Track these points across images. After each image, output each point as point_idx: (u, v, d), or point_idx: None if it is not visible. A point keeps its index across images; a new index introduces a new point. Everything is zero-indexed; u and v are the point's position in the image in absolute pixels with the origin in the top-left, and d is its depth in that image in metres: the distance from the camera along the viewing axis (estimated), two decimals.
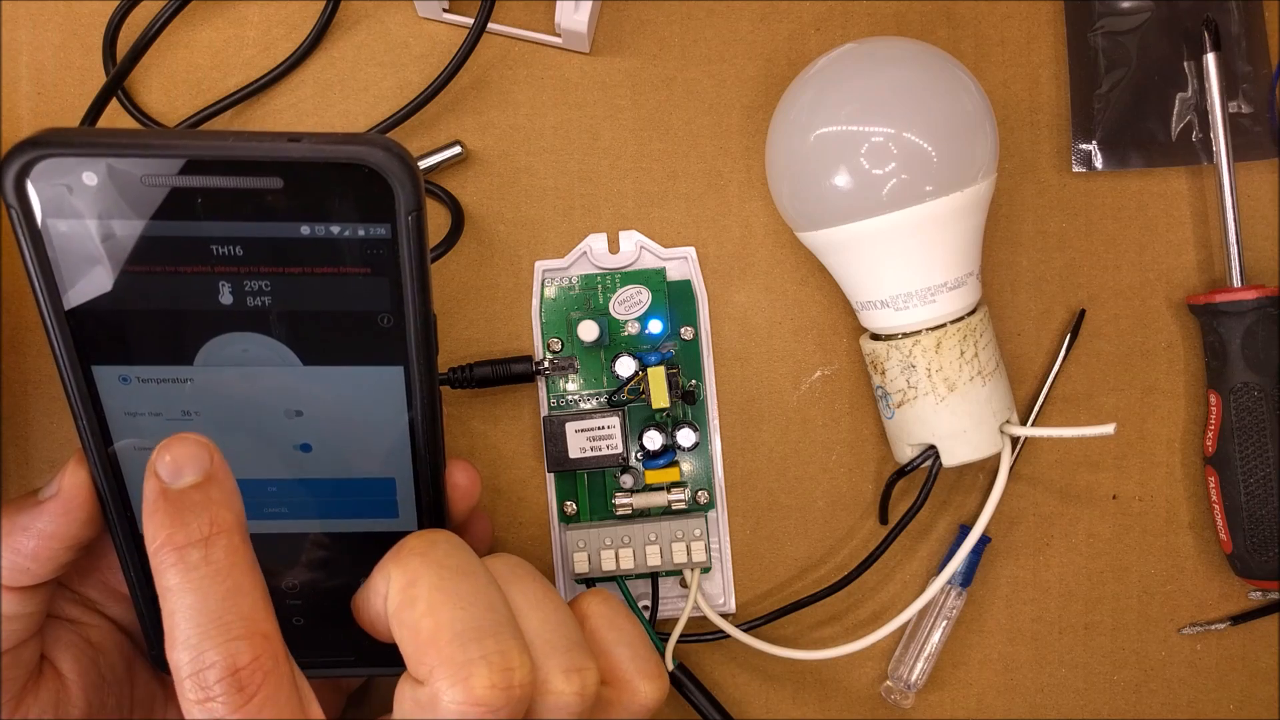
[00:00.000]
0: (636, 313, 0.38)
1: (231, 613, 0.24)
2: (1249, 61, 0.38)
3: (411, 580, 0.26)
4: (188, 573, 0.24)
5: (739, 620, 0.38)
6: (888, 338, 0.35)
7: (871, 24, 0.39)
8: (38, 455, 0.38)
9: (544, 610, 0.28)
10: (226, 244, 0.25)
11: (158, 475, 0.25)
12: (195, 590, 0.24)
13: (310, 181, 0.25)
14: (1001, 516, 0.39)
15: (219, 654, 0.24)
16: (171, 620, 0.24)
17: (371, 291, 0.26)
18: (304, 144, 0.24)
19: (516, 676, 0.25)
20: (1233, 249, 0.37)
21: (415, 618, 0.25)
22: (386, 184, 0.25)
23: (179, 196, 0.25)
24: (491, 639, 0.25)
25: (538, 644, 0.27)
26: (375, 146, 0.24)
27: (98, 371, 0.26)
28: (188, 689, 0.24)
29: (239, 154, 0.24)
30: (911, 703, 0.38)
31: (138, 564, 0.29)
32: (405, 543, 0.27)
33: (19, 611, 0.28)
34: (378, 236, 0.25)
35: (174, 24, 0.37)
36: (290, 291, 0.26)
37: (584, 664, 0.27)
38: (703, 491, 0.38)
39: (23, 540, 0.27)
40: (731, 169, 0.39)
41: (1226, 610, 0.39)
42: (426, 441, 0.28)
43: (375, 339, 0.27)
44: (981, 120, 0.34)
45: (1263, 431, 0.37)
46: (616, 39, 0.38)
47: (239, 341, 0.26)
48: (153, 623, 0.30)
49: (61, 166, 0.24)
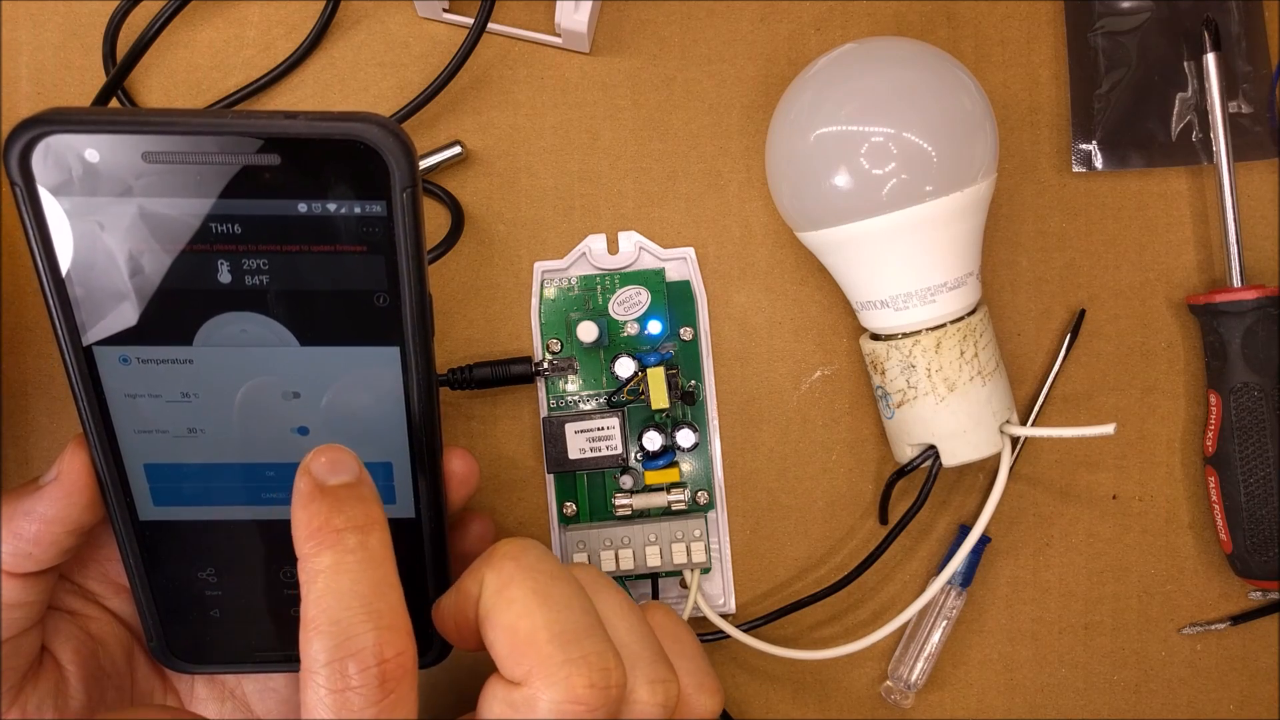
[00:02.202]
0: (636, 313, 0.38)
1: (383, 601, 0.24)
2: (1249, 61, 0.38)
3: (506, 583, 0.26)
4: (344, 555, 0.24)
5: (739, 620, 0.38)
6: (888, 338, 0.35)
7: (871, 24, 0.39)
8: (38, 455, 0.38)
9: (629, 620, 0.28)
10: (225, 222, 0.25)
11: (312, 474, 0.25)
12: (350, 573, 0.24)
13: (307, 158, 0.25)
14: (1001, 516, 0.39)
15: (371, 639, 0.24)
16: (320, 603, 0.24)
17: (368, 270, 0.26)
18: (300, 120, 0.25)
19: (613, 677, 0.25)
20: (1233, 249, 0.37)
21: (512, 619, 0.25)
22: (382, 160, 0.25)
23: (179, 174, 0.25)
24: (589, 640, 0.25)
25: (624, 653, 0.27)
26: (370, 123, 0.25)
27: (98, 352, 0.27)
28: (323, 678, 0.23)
29: (238, 130, 0.25)
30: (911, 703, 0.38)
31: (137, 551, 0.29)
32: (497, 548, 0.27)
33: (21, 599, 0.28)
34: (373, 214, 0.26)
35: (174, 24, 0.37)
36: (288, 270, 0.26)
37: (668, 676, 0.27)
38: (702, 492, 0.38)
39: (24, 525, 0.27)
40: (731, 169, 0.39)
41: (1226, 610, 0.39)
42: (423, 424, 0.28)
43: (371, 318, 0.27)
44: (981, 120, 0.34)
45: (1263, 431, 0.37)
46: (616, 39, 0.38)
47: (237, 321, 0.27)
48: (151, 613, 0.30)
49: (64, 144, 0.24)
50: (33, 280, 0.37)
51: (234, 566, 0.30)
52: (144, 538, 0.29)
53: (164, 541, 0.29)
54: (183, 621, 0.30)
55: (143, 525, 0.29)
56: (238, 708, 0.32)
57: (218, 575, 0.30)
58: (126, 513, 0.29)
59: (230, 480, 0.29)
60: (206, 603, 0.30)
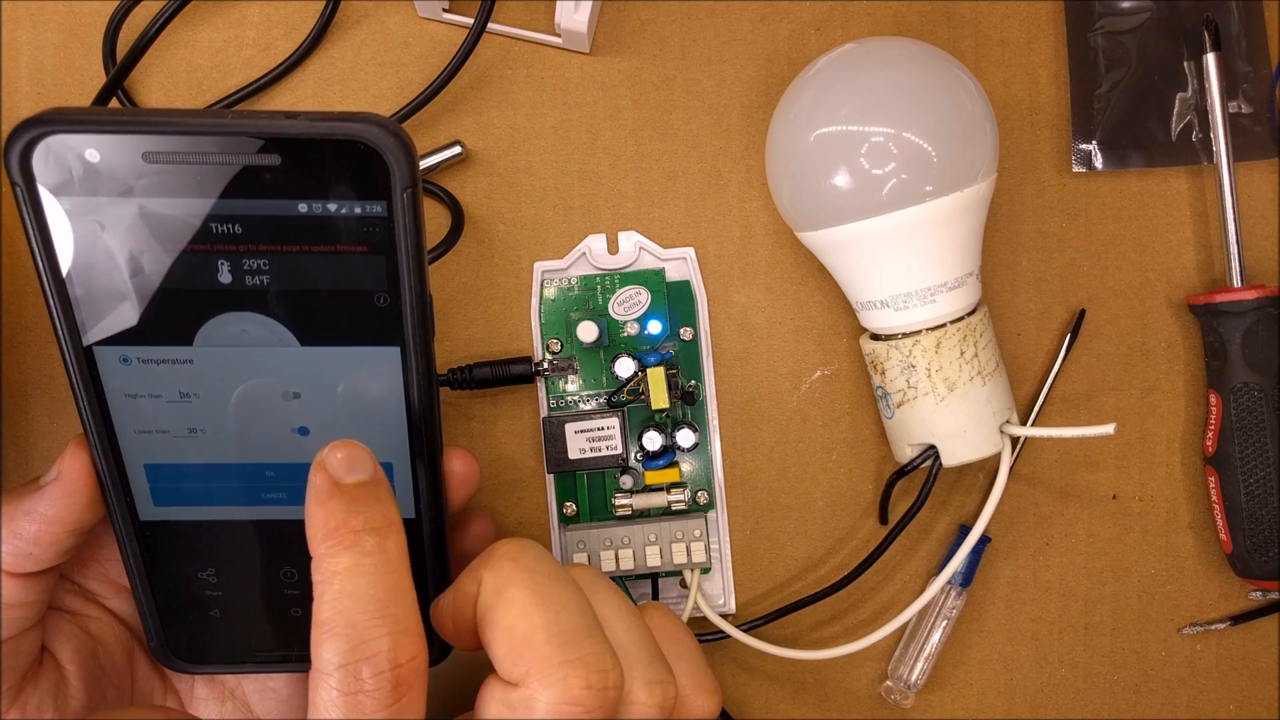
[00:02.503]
0: (636, 313, 0.38)
1: (399, 605, 0.24)
2: (1249, 61, 0.38)
3: (505, 583, 0.26)
4: (362, 558, 0.24)
5: (739, 620, 0.38)
6: (888, 338, 0.35)
7: (871, 24, 0.39)
8: (38, 455, 0.38)
9: (627, 621, 0.28)
10: (226, 222, 0.26)
11: (328, 470, 0.25)
12: (367, 576, 0.24)
13: (308, 158, 0.25)
14: (1001, 516, 0.39)
15: (386, 643, 0.24)
16: (335, 605, 0.24)
17: (368, 270, 0.26)
18: (301, 120, 0.25)
19: (610, 679, 0.25)
20: (1233, 249, 0.37)
21: (510, 620, 0.25)
22: (383, 160, 0.25)
23: (179, 174, 0.25)
24: (587, 641, 0.25)
25: (622, 654, 0.27)
26: (370, 123, 0.25)
27: (99, 352, 0.27)
28: (336, 680, 0.23)
29: (238, 130, 0.25)
30: (911, 703, 0.38)
31: (137, 551, 0.29)
32: (496, 548, 0.27)
33: (21, 599, 0.28)
34: (374, 214, 0.26)
35: (174, 24, 0.37)
36: (288, 270, 0.26)
37: (665, 677, 0.27)
38: (702, 492, 0.38)
39: (24, 525, 0.27)
40: (731, 169, 0.39)
41: (1226, 610, 0.39)
42: (424, 424, 0.28)
43: (372, 319, 0.27)
44: (981, 120, 0.34)
45: (1263, 431, 0.37)
46: (616, 39, 0.38)
47: (238, 321, 0.27)
48: (151, 613, 0.30)
49: (65, 144, 0.24)
50: (33, 280, 0.37)
51: (234, 567, 0.30)
52: (144, 538, 0.29)
53: (164, 541, 0.29)
54: (183, 621, 0.30)
55: (143, 525, 0.29)
56: (238, 708, 0.32)
57: (218, 575, 0.30)
58: (127, 512, 0.29)
59: (230, 480, 0.29)
60: (207, 603, 0.30)
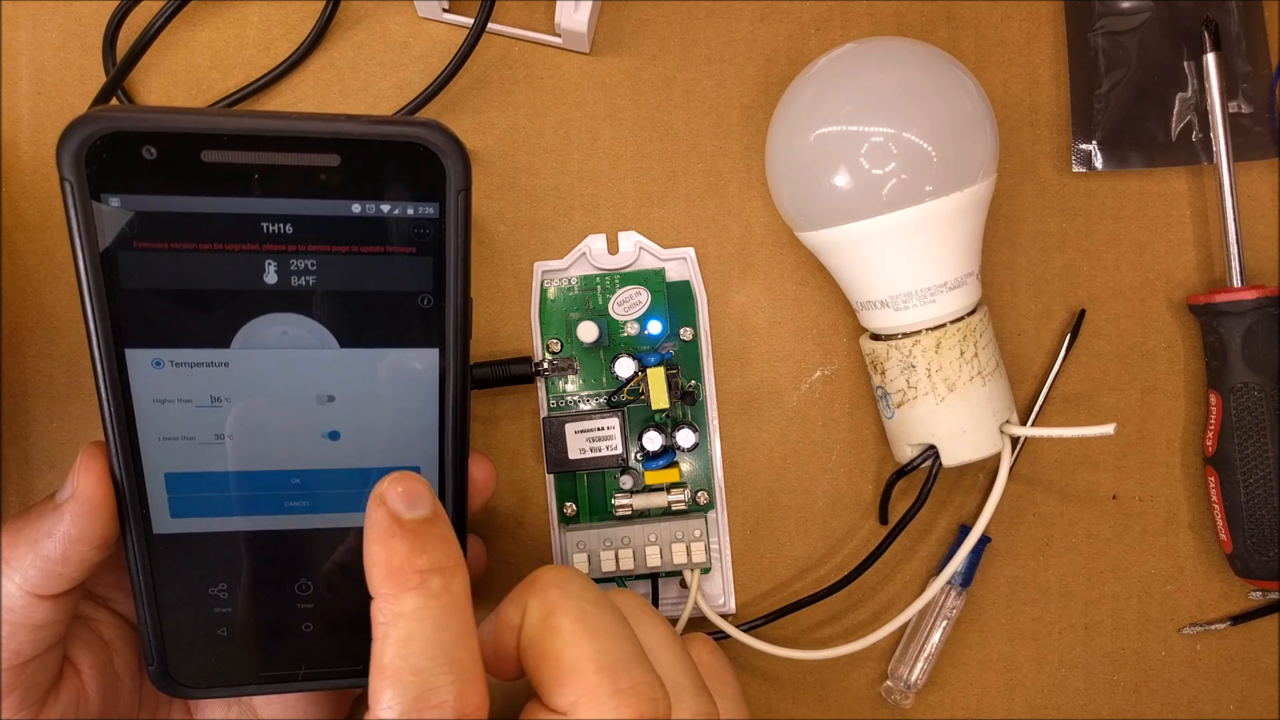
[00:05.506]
0: (636, 313, 0.38)
1: (465, 651, 0.24)
2: (1249, 61, 0.38)
3: (550, 611, 0.26)
4: (429, 599, 0.24)
5: (739, 620, 0.38)
6: (888, 338, 0.35)
7: (871, 24, 0.39)
8: (38, 455, 0.38)
9: (673, 652, 0.27)
10: (277, 221, 0.26)
11: (388, 505, 0.25)
12: (435, 619, 0.24)
13: (365, 159, 0.25)
14: (1001, 516, 0.39)
15: (452, 693, 0.23)
16: (400, 649, 0.23)
17: (415, 271, 0.27)
18: (363, 123, 0.25)
19: (660, 708, 0.25)
20: (1233, 249, 0.37)
21: (557, 648, 0.25)
22: (439, 162, 0.26)
23: (236, 173, 0.25)
24: (637, 671, 0.25)
25: (668, 685, 0.26)
26: (431, 127, 0.26)
27: (131, 355, 0.26)
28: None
29: (299, 130, 0.25)
30: (911, 703, 0.38)
31: (148, 567, 0.28)
32: (540, 575, 0.27)
33: (50, 619, 0.27)
34: (426, 215, 0.26)
35: (174, 24, 0.37)
36: (335, 271, 0.26)
37: (710, 711, 0.27)
38: (702, 492, 0.38)
39: (49, 546, 0.27)
40: (731, 169, 0.39)
41: (1226, 610, 0.39)
42: (455, 427, 0.28)
43: (414, 320, 0.27)
44: (981, 120, 0.34)
45: (1263, 431, 0.37)
46: (616, 39, 0.38)
47: (278, 323, 0.27)
48: (155, 633, 0.29)
49: (122, 142, 0.24)
50: (33, 280, 0.37)
51: (247, 580, 0.29)
52: (156, 553, 0.28)
53: (176, 556, 0.28)
54: (187, 642, 0.29)
55: (156, 539, 0.28)
56: (244, 712, 0.32)
57: (229, 591, 0.29)
58: (141, 525, 0.28)
59: (253, 488, 0.28)
60: (215, 620, 0.29)
